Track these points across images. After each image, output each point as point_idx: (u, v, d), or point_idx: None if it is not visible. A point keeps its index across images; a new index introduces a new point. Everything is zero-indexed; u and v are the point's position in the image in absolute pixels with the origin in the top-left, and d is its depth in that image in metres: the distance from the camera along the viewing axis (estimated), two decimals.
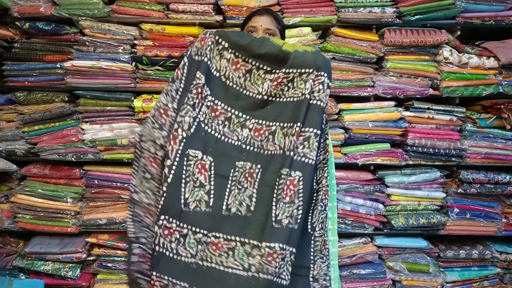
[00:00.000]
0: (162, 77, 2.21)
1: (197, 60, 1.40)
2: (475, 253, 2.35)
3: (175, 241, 1.31)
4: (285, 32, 2.16)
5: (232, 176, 1.36)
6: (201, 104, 1.38)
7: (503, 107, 2.21)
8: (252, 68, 1.42)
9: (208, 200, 1.33)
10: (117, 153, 2.27)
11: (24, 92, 2.19)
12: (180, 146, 1.32)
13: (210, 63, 1.40)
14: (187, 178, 1.32)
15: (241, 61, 1.42)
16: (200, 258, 1.31)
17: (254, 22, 1.63)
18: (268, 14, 1.66)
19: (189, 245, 1.31)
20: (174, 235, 1.31)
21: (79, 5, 2.12)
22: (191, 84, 1.38)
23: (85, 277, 2.32)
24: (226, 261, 1.28)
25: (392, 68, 2.22)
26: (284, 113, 1.37)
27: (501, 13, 2.24)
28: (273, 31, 1.64)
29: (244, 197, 1.33)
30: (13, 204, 2.27)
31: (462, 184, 2.31)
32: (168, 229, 1.31)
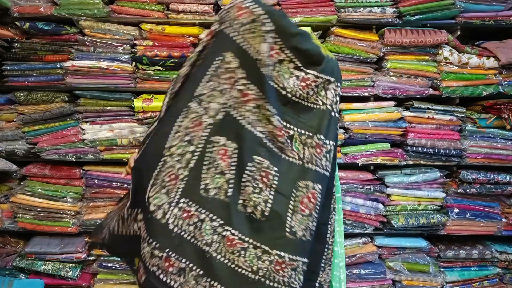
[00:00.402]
0: (162, 77, 2.21)
1: (228, 37, 1.28)
2: (475, 253, 2.35)
3: (193, 225, 1.31)
4: None
5: (248, 170, 1.33)
6: (232, 88, 1.31)
7: (503, 107, 2.21)
8: (284, 59, 1.33)
9: (227, 189, 1.31)
10: (117, 153, 2.27)
11: (24, 92, 2.19)
12: (205, 132, 1.31)
13: (246, 45, 1.28)
14: (209, 164, 1.31)
15: (276, 49, 1.31)
16: (215, 249, 1.31)
17: None
18: None
19: (206, 231, 1.31)
20: (192, 219, 1.31)
21: (79, 5, 2.12)
22: (215, 63, 1.29)
23: (85, 277, 2.32)
24: (237, 260, 1.29)
25: (392, 68, 2.22)
26: (304, 119, 1.34)
27: (501, 13, 2.23)
28: None
29: (260, 201, 1.30)
30: (13, 204, 2.27)
31: (462, 184, 2.31)
32: (187, 212, 1.31)
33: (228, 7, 1.28)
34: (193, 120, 1.31)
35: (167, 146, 1.31)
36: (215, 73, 1.30)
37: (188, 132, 1.31)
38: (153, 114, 2.19)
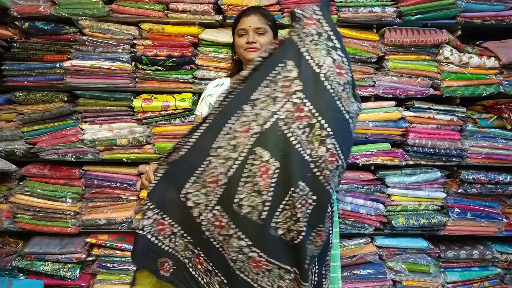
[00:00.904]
0: (162, 77, 2.20)
1: (294, 44, 1.23)
2: (476, 254, 2.34)
3: (222, 236, 1.29)
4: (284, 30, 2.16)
5: (290, 195, 1.24)
6: (287, 99, 1.22)
7: (503, 107, 2.20)
8: (350, 81, 1.28)
9: (261, 210, 1.24)
10: (116, 153, 2.26)
11: (23, 92, 2.19)
12: (250, 141, 1.23)
13: (308, 56, 1.21)
14: (247, 178, 1.23)
15: (344, 69, 1.25)
16: (239, 267, 1.30)
17: (243, 24, 1.64)
18: (256, 12, 1.65)
19: (232, 248, 1.28)
20: (222, 230, 1.28)
21: (79, 5, 2.11)
22: (277, 68, 1.24)
23: (85, 277, 2.32)
24: (261, 280, 1.29)
25: (393, 68, 2.21)
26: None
27: (501, 12, 2.23)
28: (263, 29, 1.63)
29: (294, 229, 1.25)
30: (13, 204, 2.27)
31: (463, 184, 2.31)
32: (219, 222, 1.28)
33: (300, 14, 1.24)
34: (243, 125, 1.24)
35: (215, 146, 1.26)
36: (274, 79, 1.24)
37: (235, 136, 1.24)
38: (153, 114, 2.18)
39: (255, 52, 1.62)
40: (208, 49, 2.21)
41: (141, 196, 2.27)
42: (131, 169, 2.29)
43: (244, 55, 1.65)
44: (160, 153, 2.24)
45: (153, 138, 2.23)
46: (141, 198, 2.29)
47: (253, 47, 1.62)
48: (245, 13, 1.67)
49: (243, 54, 1.65)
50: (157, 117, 2.20)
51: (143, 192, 2.27)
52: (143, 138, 2.24)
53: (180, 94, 2.20)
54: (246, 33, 1.63)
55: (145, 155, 2.26)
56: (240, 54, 1.68)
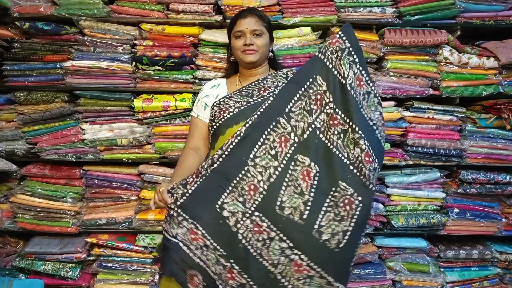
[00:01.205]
0: (162, 77, 2.21)
1: (320, 61, 1.40)
2: (475, 253, 2.35)
3: (262, 241, 1.31)
4: (284, 30, 2.17)
5: (332, 196, 1.33)
6: (320, 111, 1.38)
7: (503, 107, 2.21)
8: (370, 92, 1.41)
9: (303, 211, 1.31)
10: (117, 153, 2.27)
11: (24, 92, 2.19)
12: (290, 150, 1.35)
13: (334, 69, 1.39)
14: (289, 182, 1.33)
15: (363, 80, 1.40)
16: (280, 271, 1.31)
17: (239, 26, 1.64)
18: (252, 14, 1.66)
19: (274, 250, 1.31)
20: (262, 235, 1.31)
21: (79, 5, 2.11)
22: (307, 83, 1.39)
23: (85, 277, 2.32)
24: (302, 287, 1.30)
25: (392, 68, 2.22)
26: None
27: (501, 13, 2.23)
28: (260, 31, 1.64)
29: (339, 230, 1.30)
30: (13, 204, 2.27)
31: (462, 184, 2.31)
32: (259, 227, 1.31)
33: (328, 39, 1.47)
34: (280, 136, 1.36)
35: (252, 156, 1.35)
36: (306, 93, 1.39)
37: (274, 146, 1.35)
38: (153, 114, 2.19)
39: (253, 54, 1.63)
40: (208, 49, 2.21)
41: (142, 196, 2.28)
42: (132, 169, 2.29)
43: (241, 57, 1.65)
44: (160, 153, 2.24)
45: (153, 138, 2.24)
46: (141, 198, 2.29)
47: (251, 49, 1.62)
48: (241, 15, 1.66)
49: (240, 56, 1.66)
50: (158, 117, 2.20)
51: (143, 192, 2.28)
52: (144, 138, 2.24)
53: (180, 94, 2.20)
54: (243, 35, 1.63)
55: (146, 155, 2.27)
56: (237, 56, 1.69)
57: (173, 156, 2.22)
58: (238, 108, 1.57)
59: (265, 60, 1.74)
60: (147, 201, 2.29)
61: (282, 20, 2.17)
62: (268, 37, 1.69)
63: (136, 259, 2.32)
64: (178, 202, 1.37)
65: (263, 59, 1.71)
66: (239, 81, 1.75)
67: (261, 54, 1.66)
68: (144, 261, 2.32)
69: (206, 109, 1.70)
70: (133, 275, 2.32)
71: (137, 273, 2.32)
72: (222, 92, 1.72)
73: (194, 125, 1.74)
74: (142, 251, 2.30)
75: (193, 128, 1.74)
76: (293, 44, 2.19)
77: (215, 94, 1.71)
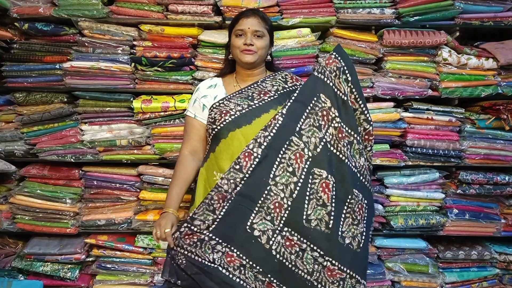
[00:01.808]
0: (161, 78, 2.21)
1: (321, 80, 1.52)
2: (474, 254, 2.35)
3: (295, 254, 1.42)
4: (283, 31, 2.17)
5: (348, 202, 1.47)
6: (328, 125, 1.50)
7: (502, 108, 2.21)
8: (357, 109, 1.57)
9: (328, 221, 1.42)
10: (116, 154, 2.26)
11: (23, 93, 2.19)
12: (306, 164, 1.44)
13: (334, 87, 1.52)
14: (311, 195, 1.43)
15: (352, 98, 1.56)
16: (316, 278, 1.43)
17: (242, 25, 1.64)
18: (255, 15, 1.66)
19: (307, 260, 1.42)
20: (294, 248, 1.42)
21: (78, 6, 2.11)
22: (313, 101, 1.51)
23: (84, 278, 2.32)
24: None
25: (391, 69, 2.22)
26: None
27: (500, 14, 2.24)
28: (262, 32, 1.64)
29: (357, 232, 1.47)
30: (12, 205, 2.27)
31: (461, 185, 2.31)
32: (290, 241, 1.42)
33: (323, 59, 1.58)
34: (295, 153, 1.45)
35: (272, 176, 1.44)
36: (313, 110, 1.50)
37: (290, 164, 1.45)
38: (152, 115, 2.19)
39: (251, 55, 1.63)
40: (207, 50, 2.21)
41: (141, 197, 2.28)
42: (131, 170, 2.29)
43: (240, 57, 1.65)
44: (160, 154, 2.24)
45: (152, 139, 2.24)
46: (141, 199, 2.29)
47: (250, 50, 1.62)
48: (244, 14, 1.66)
49: (239, 56, 1.65)
50: (157, 118, 2.20)
51: (142, 193, 2.27)
52: (143, 139, 2.24)
53: (179, 95, 2.20)
54: (244, 35, 1.63)
55: (145, 156, 2.27)
56: (235, 55, 1.68)
57: (172, 157, 2.22)
58: (239, 112, 1.57)
59: (262, 62, 1.74)
60: (146, 202, 2.29)
61: (281, 21, 2.17)
62: (269, 40, 1.70)
63: (135, 260, 2.32)
64: (210, 228, 1.46)
65: (261, 61, 1.71)
66: (236, 82, 1.74)
67: (260, 56, 1.66)
68: (143, 262, 2.32)
69: (204, 110, 1.70)
70: (132, 276, 2.32)
71: (136, 274, 2.32)
72: (220, 93, 1.71)
73: (190, 126, 1.73)
74: (141, 252, 2.30)
75: (190, 129, 1.73)
76: (292, 45, 2.19)
77: (213, 95, 1.70)
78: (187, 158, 1.67)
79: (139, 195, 2.28)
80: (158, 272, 2.31)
